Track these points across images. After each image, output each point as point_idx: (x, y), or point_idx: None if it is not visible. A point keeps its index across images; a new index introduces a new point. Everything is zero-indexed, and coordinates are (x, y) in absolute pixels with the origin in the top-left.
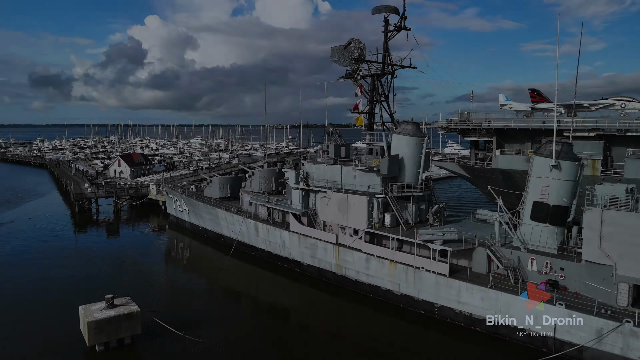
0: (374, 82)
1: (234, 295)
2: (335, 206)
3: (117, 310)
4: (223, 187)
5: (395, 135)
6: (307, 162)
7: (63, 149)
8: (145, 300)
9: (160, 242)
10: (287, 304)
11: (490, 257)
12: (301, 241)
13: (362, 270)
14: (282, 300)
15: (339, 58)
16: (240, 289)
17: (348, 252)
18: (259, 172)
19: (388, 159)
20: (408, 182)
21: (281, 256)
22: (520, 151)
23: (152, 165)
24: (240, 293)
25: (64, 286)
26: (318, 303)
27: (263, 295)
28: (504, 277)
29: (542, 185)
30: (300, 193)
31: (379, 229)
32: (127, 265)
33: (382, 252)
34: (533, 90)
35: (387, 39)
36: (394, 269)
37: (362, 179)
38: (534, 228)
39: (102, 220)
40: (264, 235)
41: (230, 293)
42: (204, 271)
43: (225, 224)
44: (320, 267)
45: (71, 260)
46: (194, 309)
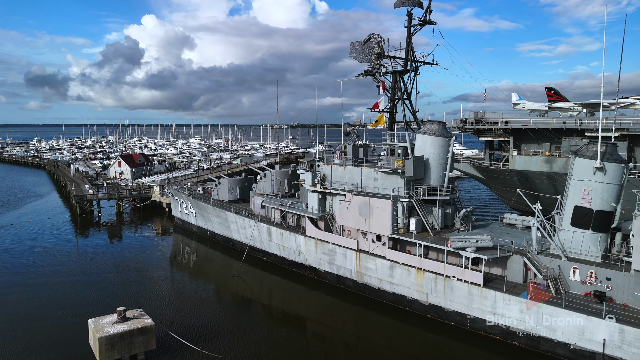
0: (395, 80)
1: (247, 303)
2: (355, 210)
3: (130, 324)
4: (232, 189)
5: (420, 135)
6: (324, 164)
7: (60, 149)
8: (156, 311)
9: (165, 246)
10: (303, 313)
11: (527, 266)
12: (318, 247)
13: (385, 278)
14: (298, 308)
15: (358, 54)
16: (253, 296)
17: (370, 259)
18: (271, 173)
19: (414, 160)
20: (434, 184)
21: (296, 262)
22: (538, 152)
23: (153, 166)
24: (254, 301)
25: (68, 295)
26: (337, 312)
27: (278, 303)
28: (543, 287)
29: (584, 188)
30: (317, 196)
31: (404, 234)
32: (132, 271)
33: (408, 259)
34: (550, 89)
35: (410, 34)
36: (421, 277)
37: (384, 182)
38: (574, 235)
39: (104, 223)
40: (278, 239)
41: (243, 301)
42: (215, 277)
43: (236, 228)
44: (339, 274)
45: (74, 265)
46: (207, 320)
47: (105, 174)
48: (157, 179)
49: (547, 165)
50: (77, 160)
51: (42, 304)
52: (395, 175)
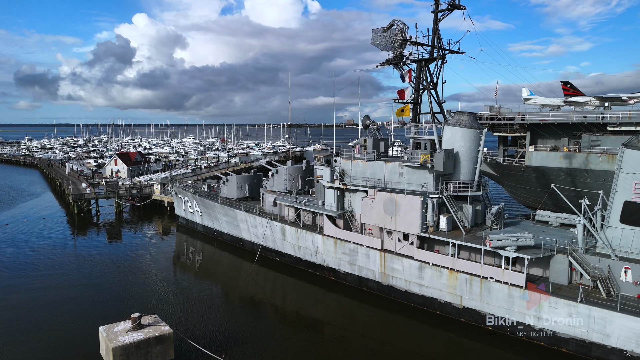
0: (420, 69)
1: (261, 306)
2: (380, 207)
3: (146, 332)
4: (241, 186)
5: (449, 127)
6: (343, 159)
7: (52, 148)
8: (167, 315)
9: (168, 247)
10: (321, 316)
11: (572, 266)
12: (338, 246)
13: (413, 280)
14: (315, 311)
15: (380, 41)
16: (267, 298)
17: (396, 259)
18: (283, 169)
19: (444, 154)
20: (464, 179)
21: (313, 262)
22: (556, 147)
23: (150, 165)
24: (268, 303)
25: (71, 298)
26: (359, 315)
27: (294, 306)
28: (591, 288)
29: (635, 182)
30: (335, 193)
31: (434, 233)
32: (135, 273)
33: (440, 259)
34: (566, 82)
35: (437, 20)
36: (454, 279)
37: (410, 177)
38: (624, 232)
39: (103, 223)
40: (292, 239)
41: (257, 304)
42: (224, 279)
43: (246, 227)
44: (361, 275)
45: (73, 267)
46: (222, 325)
47: (100, 173)
48: (158, 177)
49: (567, 161)
50: (71, 159)
51: (43, 308)
52: (423, 170)
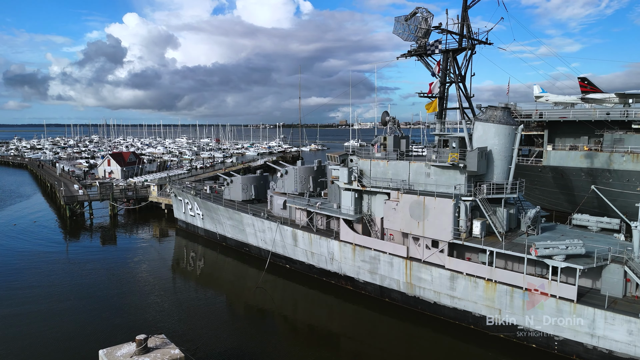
0: (447, 60)
1: (273, 318)
2: (405, 211)
3: (154, 357)
4: (247, 187)
5: (481, 123)
6: (361, 158)
7: (42, 149)
8: (171, 331)
9: (167, 252)
10: (338, 329)
11: (627, 277)
12: (357, 253)
13: (444, 291)
14: (331, 323)
15: (403, 30)
16: (279, 310)
17: (424, 268)
18: (294, 170)
19: (478, 152)
20: (497, 181)
21: (327, 270)
22: (575, 146)
23: (144, 165)
24: (279, 315)
25: (64, 313)
26: (380, 329)
27: (308, 317)
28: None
29: None
30: (353, 195)
31: (467, 239)
32: (134, 282)
33: (476, 269)
34: (583, 79)
35: (466, 6)
36: (492, 290)
37: (439, 178)
38: None
39: (96, 227)
40: (305, 245)
41: (267, 315)
42: (232, 288)
43: (252, 232)
44: (383, 285)
45: (66, 276)
46: (234, 342)
47: (93, 174)
48: (154, 178)
49: (588, 160)
50: (61, 159)
51: (34, 325)
52: (453, 171)
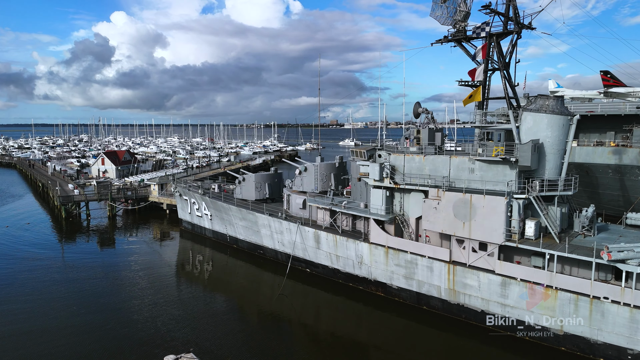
0: (490, 45)
1: (298, 327)
2: (449, 211)
3: None
4: (260, 186)
5: (531, 113)
6: (393, 153)
7: (31, 148)
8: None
9: (171, 255)
10: (366, 339)
11: None
12: (390, 257)
13: (494, 299)
14: (359, 333)
15: (442, 13)
16: (299, 318)
17: (470, 274)
18: (313, 167)
19: (531, 146)
20: (549, 176)
21: (355, 275)
22: (601, 142)
23: (139, 164)
24: (300, 323)
25: (68, 329)
26: (417, 339)
27: (332, 326)
28: None
29: None
30: (384, 193)
31: (520, 241)
32: (145, 290)
33: (533, 274)
34: (606, 72)
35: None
36: (553, 298)
37: (485, 174)
38: None
39: (94, 228)
40: (329, 247)
41: (293, 325)
42: (247, 294)
43: (268, 233)
44: (421, 291)
45: (65, 283)
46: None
47: (86, 173)
48: (154, 177)
49: (616, 157)
50: (52, 159)
51: (32, 346)
52: (502, 166)
